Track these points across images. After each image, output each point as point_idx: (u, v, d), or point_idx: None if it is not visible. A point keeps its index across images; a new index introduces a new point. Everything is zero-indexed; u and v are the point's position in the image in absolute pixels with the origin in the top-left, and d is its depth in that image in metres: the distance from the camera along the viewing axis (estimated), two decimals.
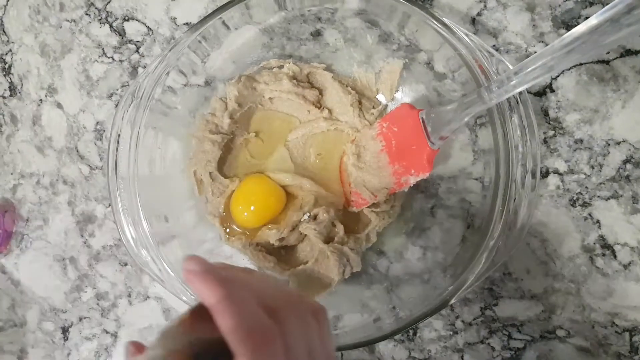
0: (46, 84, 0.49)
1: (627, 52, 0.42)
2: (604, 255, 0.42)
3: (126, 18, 0.47)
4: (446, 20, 0.36)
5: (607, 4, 0.23)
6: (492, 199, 0.38)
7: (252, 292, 0.22)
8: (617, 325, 0.42)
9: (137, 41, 0.47)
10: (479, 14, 0.43)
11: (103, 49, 0.48)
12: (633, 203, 0.42)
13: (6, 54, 0.50)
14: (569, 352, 0.43)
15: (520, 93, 0.35)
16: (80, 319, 0.49)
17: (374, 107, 0.43)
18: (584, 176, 0.42)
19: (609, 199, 0.42)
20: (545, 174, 0.43)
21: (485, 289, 0.44)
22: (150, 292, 0.47)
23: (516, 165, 0.36)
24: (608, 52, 0.42)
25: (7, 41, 0.49)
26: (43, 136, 0.49)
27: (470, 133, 0.42)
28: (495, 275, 0.43)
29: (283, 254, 0.44)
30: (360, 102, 0.43)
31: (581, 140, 0.42)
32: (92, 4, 0.48)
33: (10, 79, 0.50)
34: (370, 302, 0.42)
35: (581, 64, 0.42)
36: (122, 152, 0.39)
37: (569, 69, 0.42)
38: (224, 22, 0.39)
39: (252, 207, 0.43)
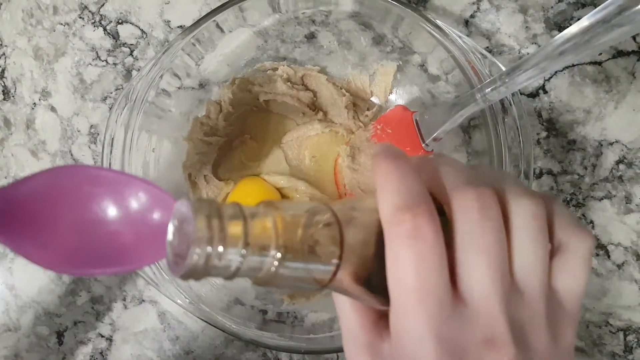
0: (40, 87, 0.49)
1: (619, 54, 0.42)
2: (597, 255, 0.42)
3: (120, 21, 0.47)
4: (439, 23, 0.36)
5: (599, 6, 0.24)
6: None
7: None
8: (611, 325, 0.43)
9: (131, 44, 0.47)
10: (472, 16, 0.43)
11: (97, 52, 0.48)
12: (626, 203, 0.42)
13: None
14: None
15: (514, 94, 0.35)
16: (75, 323, 0.48)
17: (368, 109, 0.43)
18: (577, 177, 0.43)
19: (602, 199, 0.42)
20: (539, 175, 0.43)
21: None
22: (145, 295, 0.47)
23: (510, 167, 0.36)
24: (600, 54, 0.42)
25: (1, 45, 0.49)
26: (37, 140, 0.49)
27: (464, 134, 0.42)
28: None
29: None
30: (354, 104, 0.43)
31: (574, 141, 0.42)
32: (86, 7, 0.48)
33: (4, 82, 0.49)
34: None
35: (574, 66, 0.42)
36: (115, 155, 0.39)
37: (561, 71, 0.42)
38: (217, 25, 0.39)
39: None
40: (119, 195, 0.19)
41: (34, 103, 0.49)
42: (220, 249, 0.16)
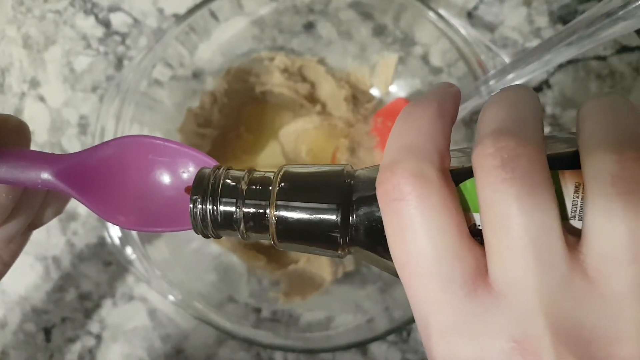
0: (29, 76, 0.47)
1: (624, 49, 0.41)
2: None
3: (112, 9, 0.46)
4: (442, 13, 0.35)
5: None
6: None
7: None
8: None
9: (123, 33, 0.46)
10: (475, 8, 0.42)
11: (88, 41, 0.46)
12: None
13: None
14: None
15: None
16: (63, 320, 0.47)
17: (368, 102, 0.42)
18: None
19: None
20: None
21: None
22: (135, 292, 0.46)
23: None
24: (605, 49, 0.41)
25: None
26: None
27: (465, 129, 0.41)
28: None
29: (274, 252, 0.43)
30: (354, 97, 0.42)
31: None
32: None
33: None
34: (363, 302, 0.42)
35: (578, 61, 0.42)
36: None
37: (565, 65, 0.42)
38: (212, 13, 0.38)
39: None
40: (179, 164, 0.21)
41: (23, 93, 0.48)
42: (210, 205, 0.18)
